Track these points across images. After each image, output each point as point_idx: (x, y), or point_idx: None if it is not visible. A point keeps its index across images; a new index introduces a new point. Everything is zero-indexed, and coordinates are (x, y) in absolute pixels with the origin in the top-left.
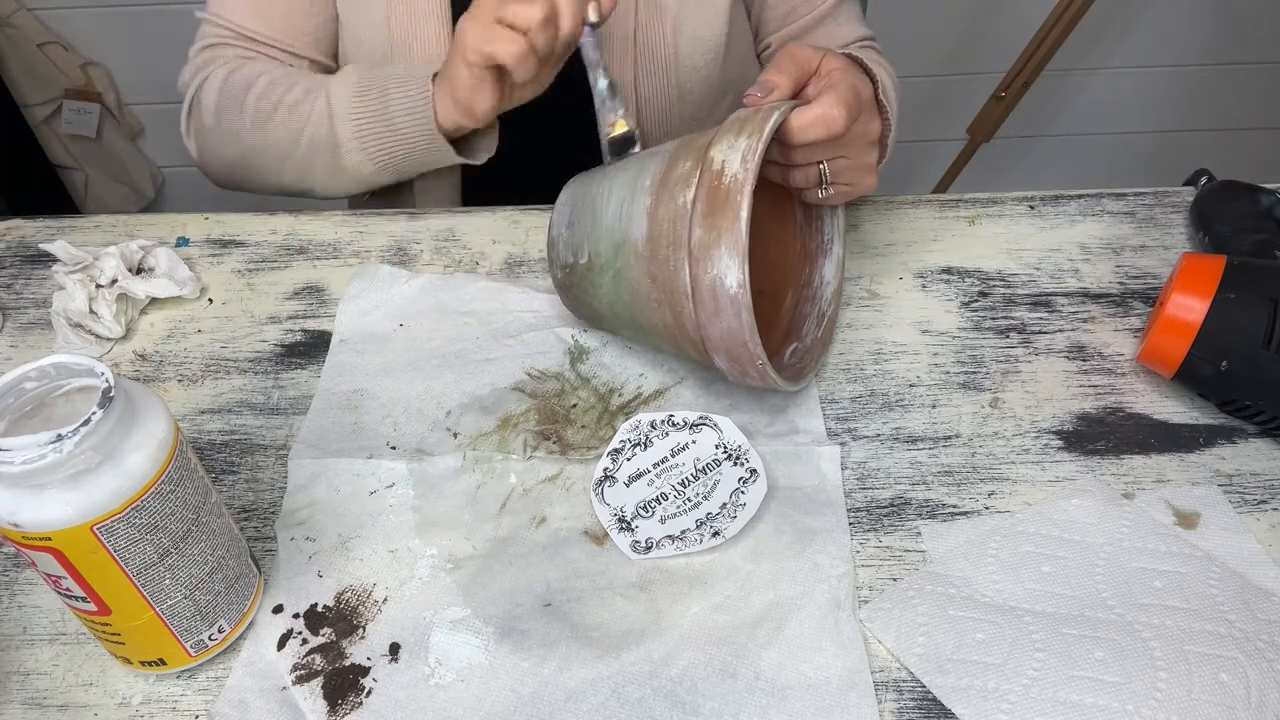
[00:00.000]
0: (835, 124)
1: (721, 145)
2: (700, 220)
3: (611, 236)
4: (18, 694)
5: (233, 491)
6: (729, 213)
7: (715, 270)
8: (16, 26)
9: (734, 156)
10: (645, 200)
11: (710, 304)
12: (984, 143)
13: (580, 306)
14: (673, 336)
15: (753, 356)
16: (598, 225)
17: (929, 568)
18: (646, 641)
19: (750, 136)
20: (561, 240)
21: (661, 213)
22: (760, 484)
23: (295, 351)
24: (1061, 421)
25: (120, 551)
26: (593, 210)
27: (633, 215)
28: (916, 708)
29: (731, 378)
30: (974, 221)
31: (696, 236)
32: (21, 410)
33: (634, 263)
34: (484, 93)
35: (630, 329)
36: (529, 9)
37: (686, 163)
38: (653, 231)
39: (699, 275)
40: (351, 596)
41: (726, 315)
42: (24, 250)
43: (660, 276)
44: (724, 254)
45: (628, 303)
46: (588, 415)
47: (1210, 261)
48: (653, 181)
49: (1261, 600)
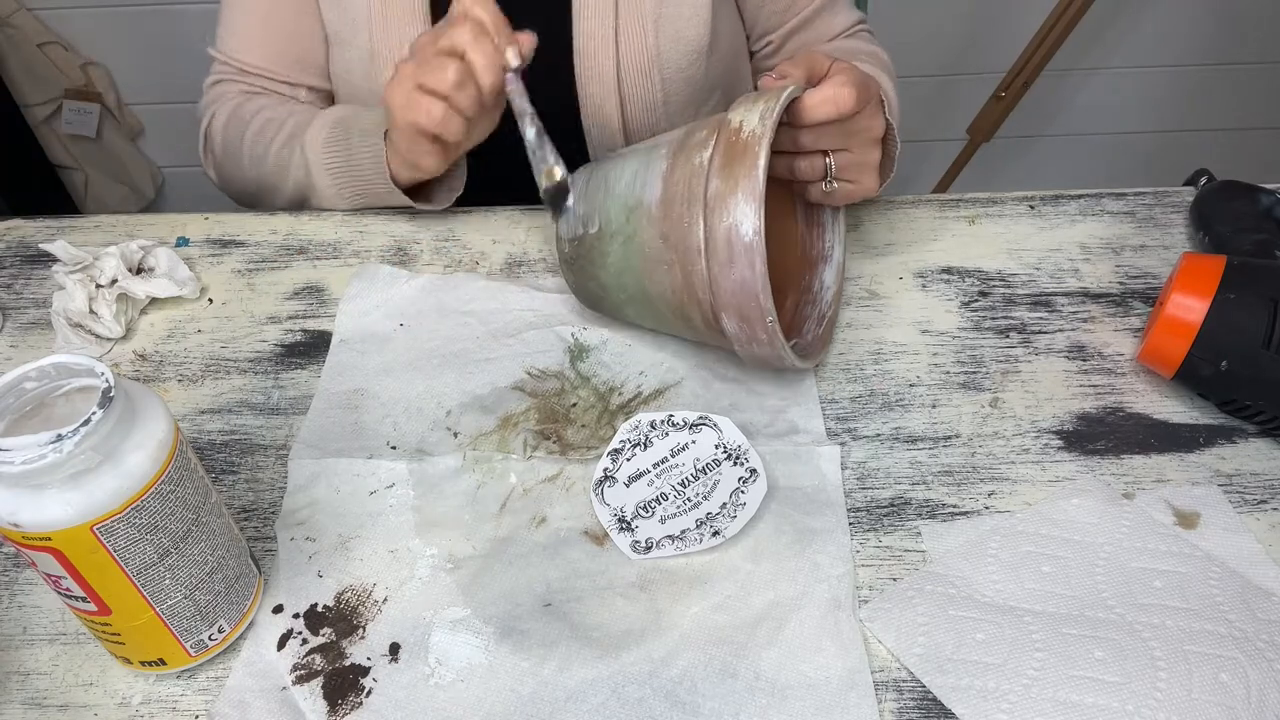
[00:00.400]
0: (845, 103)
1: (739, 109)
2: (717, 173)
3: (624, 202)
4: (18, 694)
5: (233, 491)
6: (747, 161)
7: (731, 218)
8: (16, 26)
9: (752, 116)
10: (661, 165)
11: (724, 254)
12: (984, 143)
13: (585, 280)
14: (679, 303)
15: (763, 312)
16: (610, 194)
17: (929, 568)
18: (646, 641)
19: (768, 101)
20: (571, 214)
21: (677, 175)
22: (760, 484)
23: (295, 351)
24: (1061, 421)
25: (120, 551)
26: (605, 182)
27: (647, 180)
28: (916, 708)
29: (739, 346)
30: (974, 221)
31: (713, 188)
32: (21, 410)
33: (645, 225)
34: (424, 152)
35: (635, 304)
36: (441, 74)
37: (703, 131)
38: (667, 193)
39: (714, 226)
40: (351, 596)
41: (740, 265)
42: (24, 250)
43: (673, 235)
44: (740, 201)
45: (636, 268)
46: (588, 414)
47: (1210, 261)
48: (669, 149)
49: (1261, 600)
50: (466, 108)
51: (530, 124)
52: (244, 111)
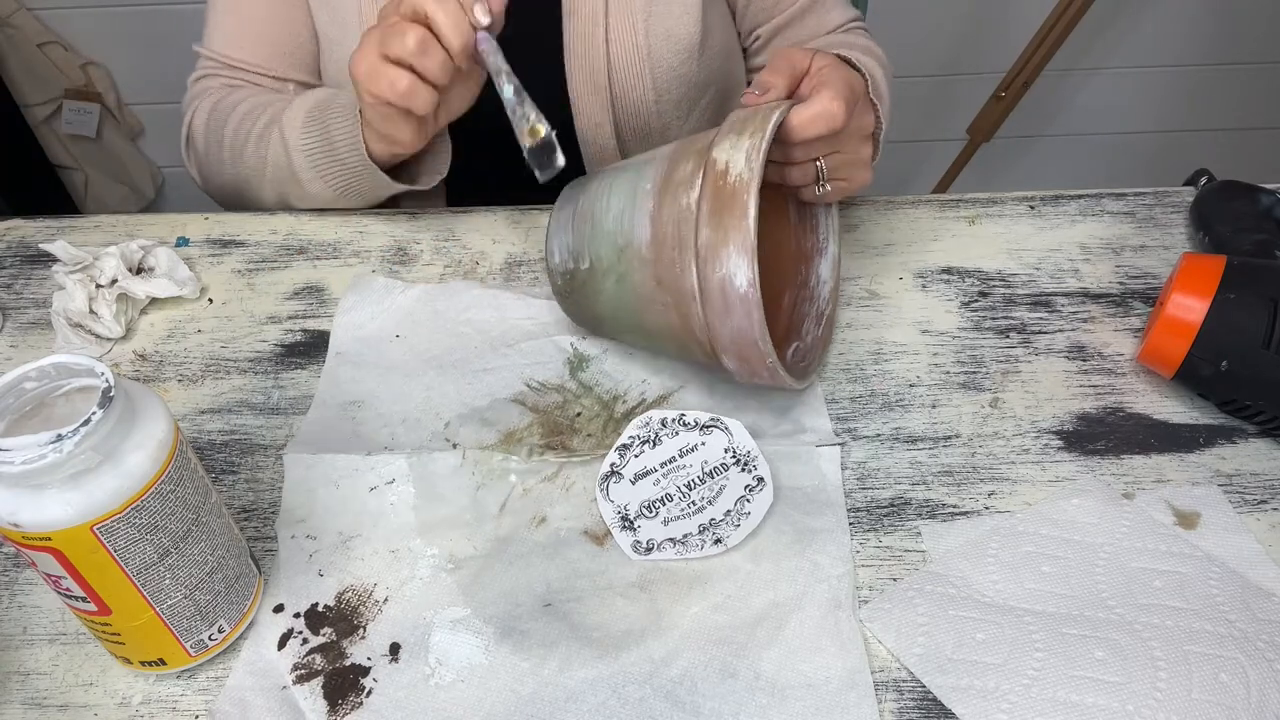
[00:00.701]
0: (835, 119)
1: (724, 145)
2: (707, 220)
3: (613, 241)
4: (18, 694)
5: (233, 491)
6: (736, 211)
7: (724, 270)
8: (16, 26)
9: (738, 156)
10: (647, 204)
11: (719, 304)
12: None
13: (581, 312)
14: (679, 339)
15: (763, 355)
16: (598, 230)
17: (929, 568)
18: (646, 641)
19: (753, 135)
20: (560, 247)
21: (665, 215)
22: (766, 493)
23: (295, 351)
24: (1061, 421)
25: (120, 551)
26: (592, 216)
27: (635, 219)
28: (916, 708)
29: (740, 378)
30: (974, 221)
31: (704, 237)
32: (21, 410)
33: (638, 266)
34: (398, 125)
35: (634, 334)
36: (402, 40)
37: (688, 164)
38: (657, 234)
39: (707, 275)
40: (352, 596)
41: (736, 315)
42: (24, 250)
43: (666, 279)
44: (732, 253)
45: (632, 307)
46: (593, 424)
47: (1210, 261)
48: (654, 185)
49: (1261, 600)
50: (435, 75)
51: (507, 81)
52: (225, 105)
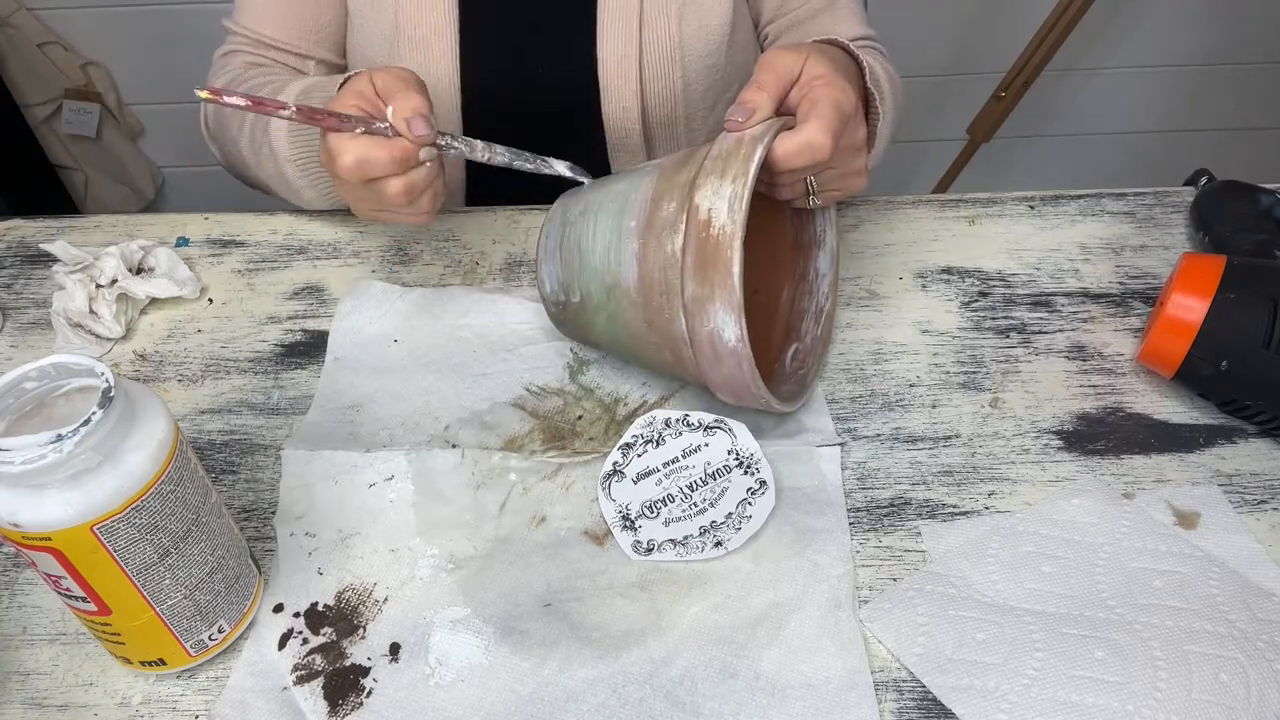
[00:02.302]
0: (821, 151)
1: (706, 190)
2: (692, 274)
3: (601, 280)
4: (18, 694)
5: (233, 491)
6: (720, 267)
7: (712, 325)
8: (16, 26)
9: (720, 205)
10: (633, 245)
11: (710, 354)
12: (984, 143)
13: (577, 335)
14: (675, 372)
15: (755, 396)
16: (585, 267)
17: (929, 568)
18: (646, 641)
19: (735, 181)
20: (550, 276)
21: (650, 259)
22: (769, 497)
23: (295, 351)
24: (1061, 421)
25: (120, 551)
26: (579, 251)
27: (621, 259)
28: (916, 708)
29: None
30: (974, 221)
31: (690, 290)
32: (21, 410)
33: (628, 307)
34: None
35: (632, 359)
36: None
37: (670, 204)
38: (644, 279)
39: (696, 328)
40: (352, 596)
41: (727, 365)
42: (24, 250)
43: (656, 323)
44: (719, 310)
45: (625, 342)
46: (594, 427)
47: (1210, 261)
48: (638, 224)
49: (1261, 600)
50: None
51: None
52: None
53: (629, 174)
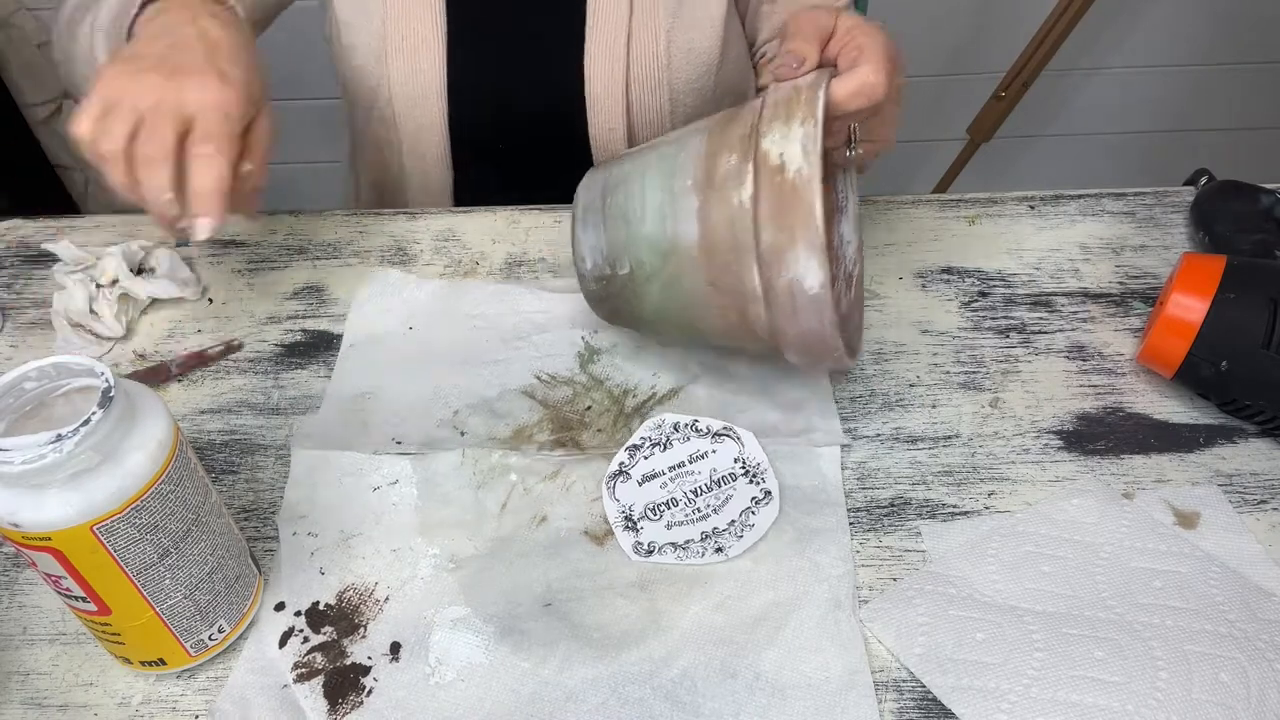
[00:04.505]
0: (877, 91)
1: (774, 135)
2: (768, 222)
3: (655, 244)
4: (18, 694)
5: (233, 491)
6: (800, 210)
7: (792, 273)
8: (16, 26)
9: (793, 148)
10: (691, 202)
11: (787, 306)
12: (984, 143)
13: (618, 315)
14: (735, 337)
15: (831, 350)
16: (635, 233)
17: (929, 568)
18: (646, 641)
19: (804, 123)
20: (592, 250)
21: (715, 215)
22: (772, 507)
23: (295, 351)
24: (1061, 421)
25: (120, 551)
26: (625, 217)
27: (678, 219)
28: (916, 708)
29: (802, 368)
30: (974, 221)
31: (767, 239)
32: (21, 410)
33: (689, 270)
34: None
35: (681, 333)
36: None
37: (730, 156)
38: (708, 236)
39: (772, 279)
40: (353, 595)
41: (806, 316)
42: (24, 250)
43: (722, 282)
44: (801, 255)
45: (681, 310)
46: (603, 418)
47: (1210, 261)
48: (694, 181)
49: (1261, 600)
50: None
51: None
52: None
53: (661, 142)
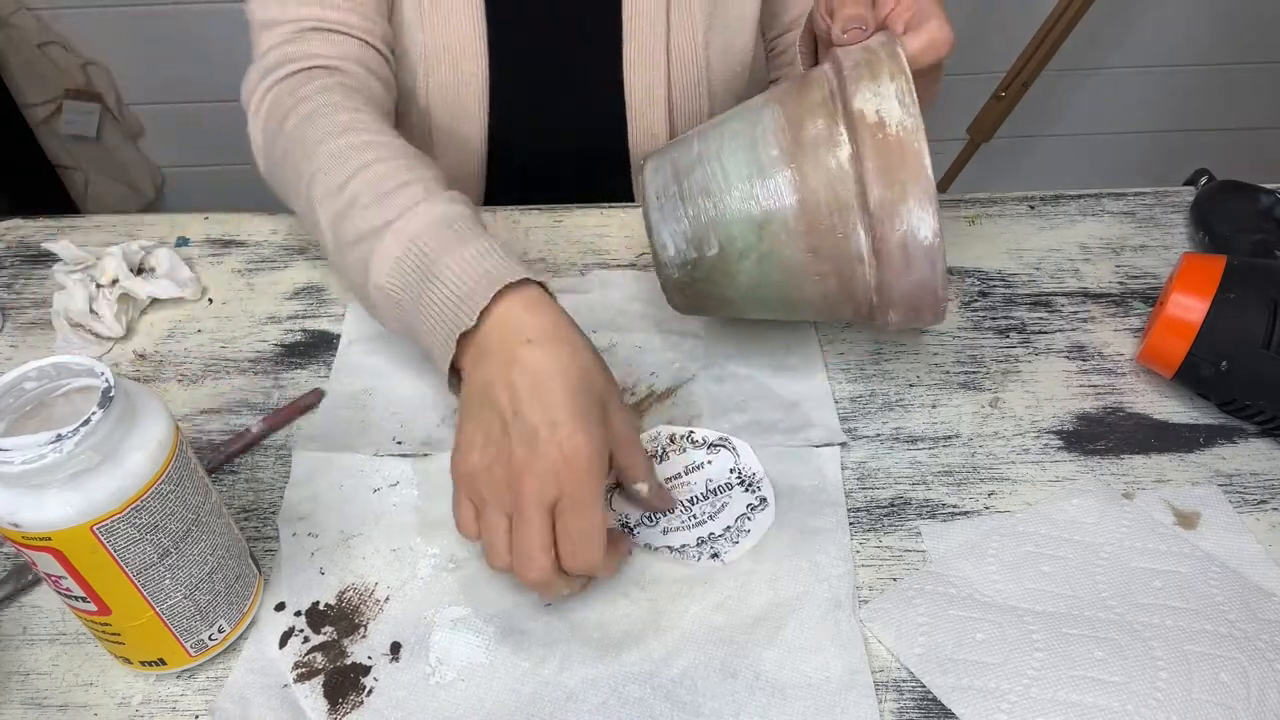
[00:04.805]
0: (945, 46)
1: (864, 94)
2: (876, 178)
3: (748, 218)
4: (18, 694)
5: (233, 491)
6: (909, 162)
7: (905, 225)
8: (16, 26)
9: (889, 104)
10: (783, 171)
11: (899, 261)
12: (984, 143)
13: (704, 300)
14: (829, 305)
15: (939, 300)
16: (723, 211)
17: (929, 568)
18: (646, 641)
19: (894, 78)
20: (675, 236)
21: (812, 181)
22: (768, 514)
23: (295, 351)
24: (1061, 421)
25: (120, 551)
26: (709, 197)
27: (771, 191)
28: (916, 708)
29: (894, 329)
30: (974, 221)
31: (876, 196)
32: (21, 410)
33: (786, 240)
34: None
35: (772, 310)
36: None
37: (816, 121)
38: (806, 202)
39: (884, 235)
40: (353, 595)
41: (919, 268)
42: (24, 250)
43: (823, 247)
44: (913, 208)
45: (776, 283)
46: None
47: (1210, 261)
48: (781, 151)
49: (1261, 600)
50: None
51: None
52: (308, 130)
53: (725, 120)
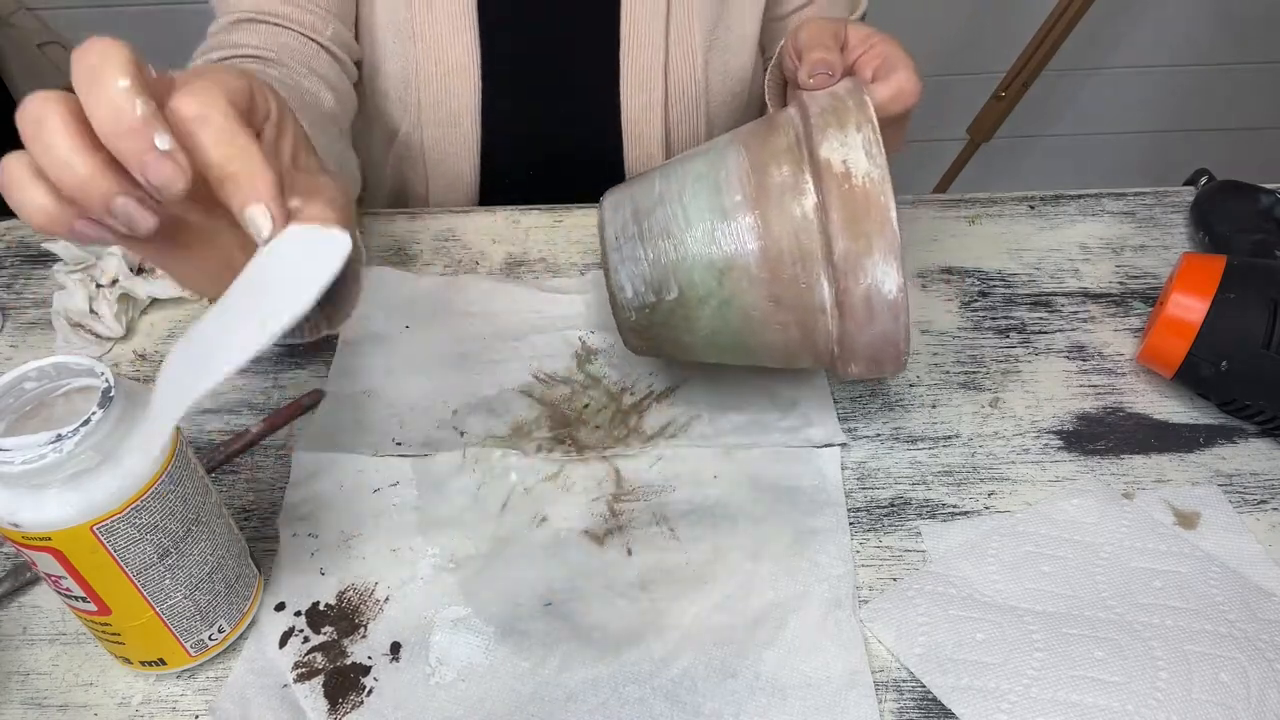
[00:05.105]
0: (911, 96)
1: (830, 143)
2: (841, 230)
3: (708, 263)
4: (18, 694)
5: (233, 491)
6: (875, 215)
7: (870, 279)
8: (16, 26)
9: (856, 155)
10: (745, 219)
11: (863, 314)
12: (984, 143)
13: (660, 344)
14: (789, 354)
15: (899, 354)
16: (683, 254)
17: (929, 568)
18: (646, 641)
19: (860, 128)
20: (632, 279)
21: (776, 229)
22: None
23: (295, 351)
24: (1061, 421)
25: (120, 551)
26: (669, 239)
27: (734, 236)
28: (916, 708)
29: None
30: (974, 221)
31: (840, 248)
32: (21, 410)
33: (747, 287)
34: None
35: (730, 356)
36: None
37: (782, 168)
38: (768, 250)
39: (848, 288)
40: (353, 595)
41: (882, 321)
42: (24, 250)
43: (786, 296)
44: (879, 261)
45: (735, 331)
46: (600, 415)
47: (1210, 261)
48: (745, 196)
49: (1261, 600)
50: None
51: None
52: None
53: (688, 158)
